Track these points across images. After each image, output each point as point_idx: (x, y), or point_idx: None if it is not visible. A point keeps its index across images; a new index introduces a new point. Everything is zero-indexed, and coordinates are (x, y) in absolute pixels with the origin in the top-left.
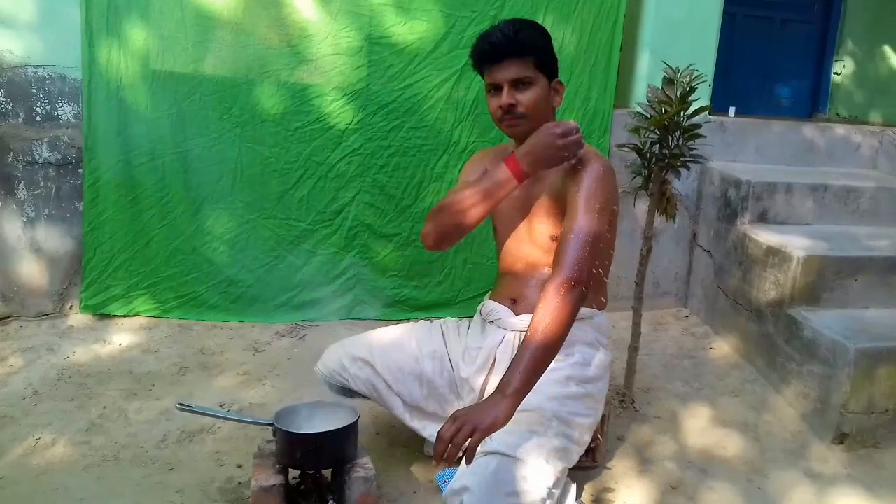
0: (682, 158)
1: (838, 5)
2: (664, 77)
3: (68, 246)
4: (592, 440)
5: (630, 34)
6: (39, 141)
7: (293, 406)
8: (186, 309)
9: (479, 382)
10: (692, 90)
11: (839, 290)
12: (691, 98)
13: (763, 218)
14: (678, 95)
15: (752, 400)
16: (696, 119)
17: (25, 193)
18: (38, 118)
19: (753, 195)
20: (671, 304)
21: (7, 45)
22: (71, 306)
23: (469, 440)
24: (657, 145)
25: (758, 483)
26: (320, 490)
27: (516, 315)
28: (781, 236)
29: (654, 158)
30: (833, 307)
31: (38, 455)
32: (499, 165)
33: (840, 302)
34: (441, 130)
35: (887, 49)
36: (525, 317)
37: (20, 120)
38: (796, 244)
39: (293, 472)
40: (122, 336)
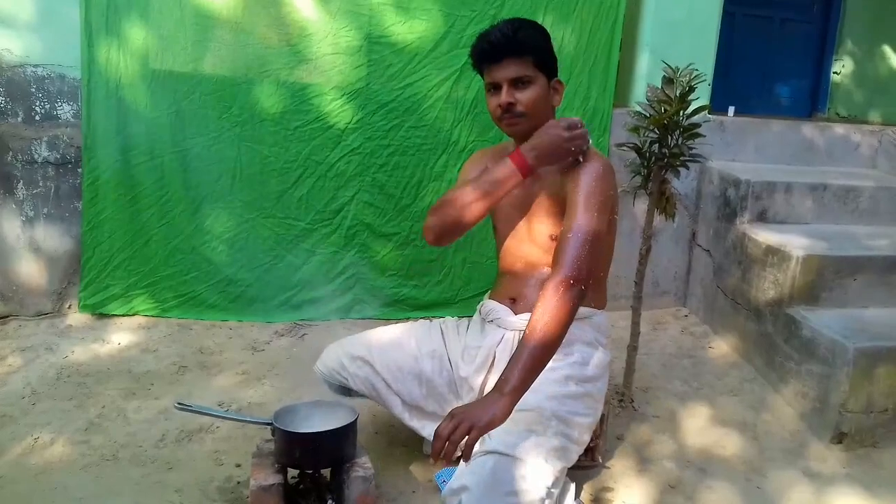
0: (682, 158)
1: (838, 5)
2: (663, 76)
3: (67, 245)
4: (591, 439)
5: (629, 33)
6: (38, 140)
7: (292, 405)
8: (185, 308)
9: (479, 381)
10: (691, 89)
11: (838, 290)
12: (691, 97)
13: (762, 217)
14: (677, 95)
15: (751, 399)
16: (696, 118)
17: (24, 193)
18: (38, 117)
19: (753, 194)
20: (670, 304)
21: (6, 45)
22: (70, 305)
23: (467, 437)
24: (656, 145)
25: (756, 482)
26: (319, 489)
27: (516, 314)
28: (781, 236)
29: (654, 158)
30: (832, 306)
31: (37, 454)
32: (502, 162)
33: (839, 301)
34: (440, 130)
35: (887, 48)
36: (524, 316)
37: (19, 119)
38: (795, 243)
39: (292, 472)
40: (121, 335)
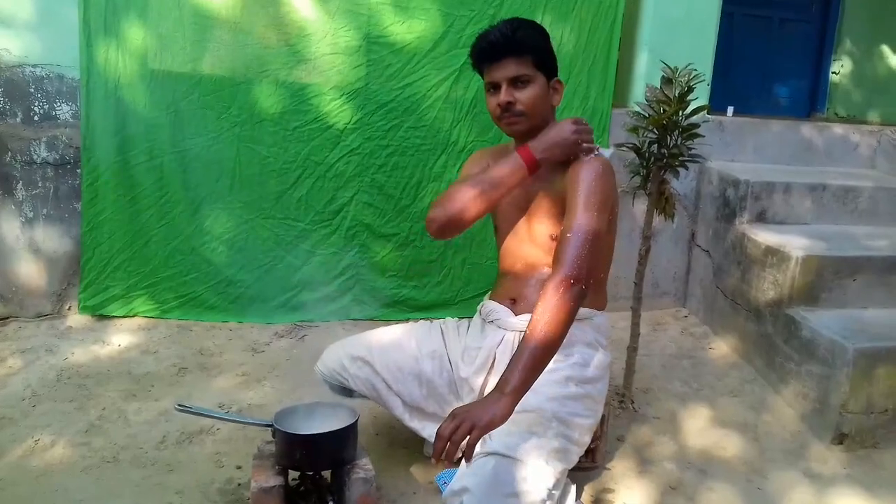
0: (681, 158)
1: (837, 5)
2: (662, 76)
3: (67, 246)
4: (592, 441)
5: (628, 33)
6: (37, 141)
7: (292, 407)
8: (185, 309)
9: (479, 382)
10: (690, 90)
11: (838, 290)
12: (690, 97)
13: (761, 218)
14: (676, 95)
15: (752, 400)
16: (695, 119)
17: (24, 193)
18: (36, 118)
19: (752, 195)
20: (670, 305)
21: (5, 45)
22: (70, 307)
23: (468, 437)
24: (656, 145)
25: (757, 483)
26: (320, 491)
27: (516, 315)
28: (780, 236)
29: (653, 158)
30: (832, 307)
31: (38, 456)
32: (509, 157)
33: (839, 302)
34: (440, 130)
35: (885, 48)
36: (525, 317)
37: (18, 119)
38: (795, 244)
39: (293, 474)
40: (121, 337)
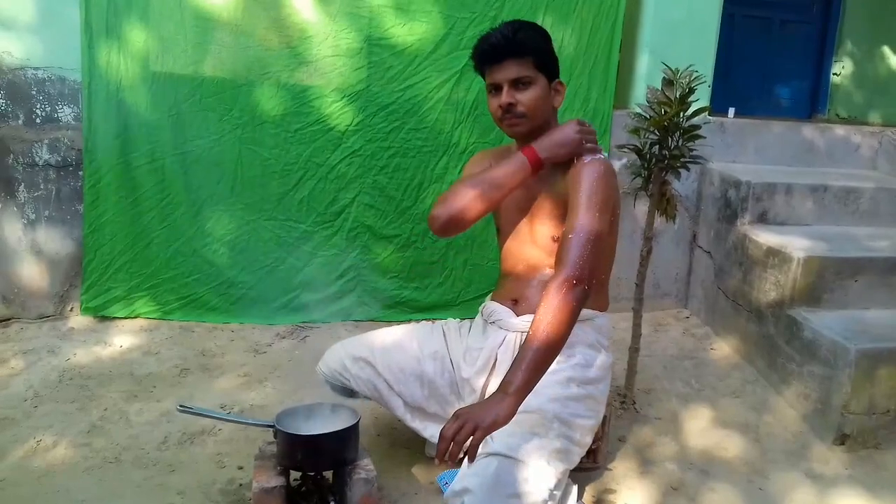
0: (682, 159)
1: (837, 5)
2: (663, 78)
3: (69, 248)
4: (593, 441)
5: (629, 35)
6: (39, 143)
7: (294, 407)
8: (187, 311)
9: (481, 383)
10: (691, 91)
11: (839, 291)
12: (691, 99)
13: (763, 219)
14: (677, 96)
15: (753, 401)
16: (696, 120)
17: (26, 195)
18: (38, 120)
19: (753, 196)
20: (671, 305)
21: (7, 47)
22: (72, 308)
23: (471, 438)
24: (657, 146)
25: (759, 484)
26: (321, 491)
27: (517, 316)
28: (781, 237)
29: (654, 159)
30: (833, 308)
31: (39, 457)
32: (514, 156)
33: (840, 303)
34: (441, 132)
35: (886, 49)
36: (526, 317)
37: (20, 122)
38: (796, 245)
39: (294, 474)
40: (123, 338)
